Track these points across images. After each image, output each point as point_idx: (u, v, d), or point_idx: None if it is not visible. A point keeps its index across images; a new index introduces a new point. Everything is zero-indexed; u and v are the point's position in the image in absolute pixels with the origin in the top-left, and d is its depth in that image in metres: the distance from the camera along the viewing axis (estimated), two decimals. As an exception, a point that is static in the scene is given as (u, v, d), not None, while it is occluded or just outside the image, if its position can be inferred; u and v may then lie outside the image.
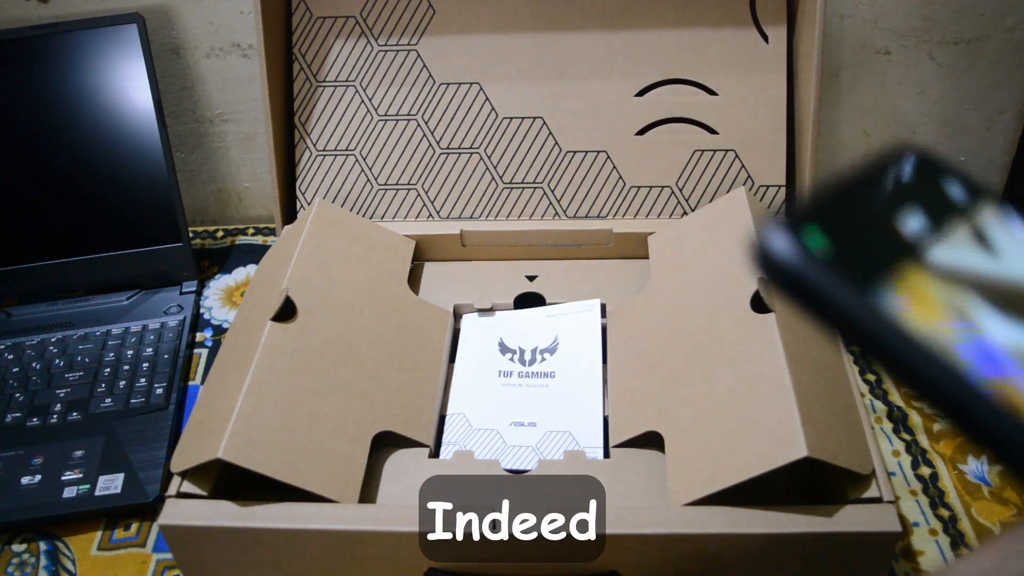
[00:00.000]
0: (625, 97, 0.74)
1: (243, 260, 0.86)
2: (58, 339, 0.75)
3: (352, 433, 0.56)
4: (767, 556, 0.50)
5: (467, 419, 0.62)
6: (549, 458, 0.58)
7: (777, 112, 0.73)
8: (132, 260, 0.80)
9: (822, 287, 0.18)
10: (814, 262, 0.18)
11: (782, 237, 0.18)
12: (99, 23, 0.76)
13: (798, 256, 0.18)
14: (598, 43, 0.74)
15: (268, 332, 0.58)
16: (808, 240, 0.18)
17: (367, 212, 0.77)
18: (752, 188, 0.74)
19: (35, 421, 0.68)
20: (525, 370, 0.65)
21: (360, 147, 0.76)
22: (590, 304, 0.69)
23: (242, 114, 0.88)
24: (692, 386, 0.56)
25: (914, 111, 0.88)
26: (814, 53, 0.68)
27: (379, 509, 0.54)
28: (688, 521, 0.49)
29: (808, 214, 0.19)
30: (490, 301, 0.71)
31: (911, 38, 0.83)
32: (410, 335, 0.65)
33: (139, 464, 0.64)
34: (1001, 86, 0.86)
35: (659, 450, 0.56)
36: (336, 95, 0.76)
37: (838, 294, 0.18)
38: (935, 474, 0.62)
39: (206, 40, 0.84)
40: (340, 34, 0.76)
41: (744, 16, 0.73)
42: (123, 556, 0.60)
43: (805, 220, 0.18)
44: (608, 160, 0.75)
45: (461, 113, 0.75)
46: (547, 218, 0.76)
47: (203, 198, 0.94)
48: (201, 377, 0.73)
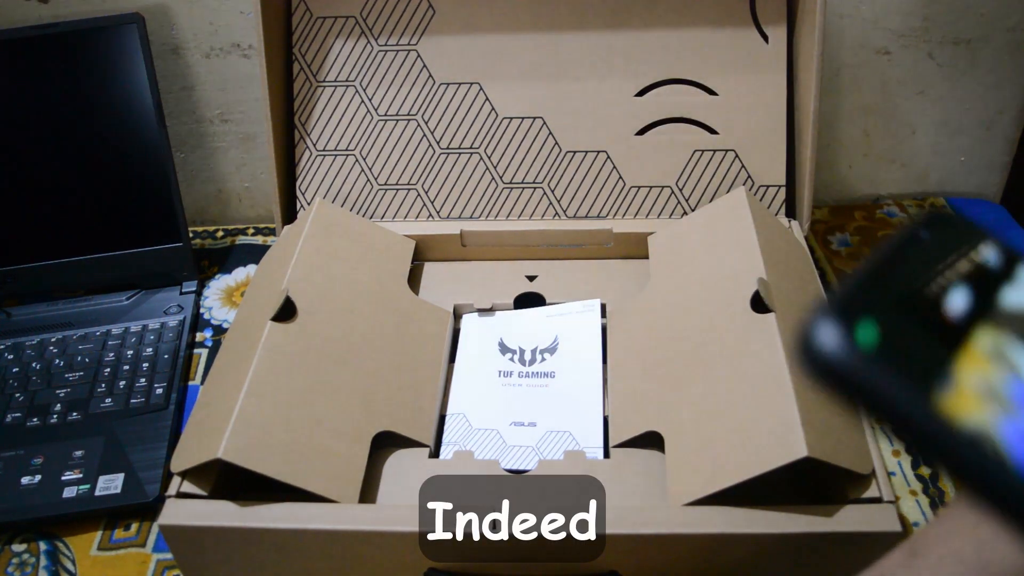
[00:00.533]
0: (625, 97, 0.74)
1: (243, 260, 0.86)
2: (58, 339, 0.75)
3: (352, 433, 0.56)
4: (767, 556, 0.50)
5: (467, 419, 0.62)
6: (549, 458, 0.58)
7: (777, 112, 0.73)
8: (132, 260, 0.80)
9: (878, 388, 0.17)
10: (866, 359, 0.17)
11: (831, 333, 0.17)
12: (99, 23, 0.76)
13: (851, 354, 0.17)
14: (598, 43, 0.74)
15: (268, 332, 0.58)
16: (857, 334, 0.17)
17: (367, 212, 0.77)
18: (752, 188, 0.74)
19: (35, 421, 0.68)
20: (525, 370, 0.65)
21: (360, 147, 0.76)
22: (590, 304, 0.69)
23: (242, 114, 0.88)
24: (692, 386, 0.56)
25: (914, 111, 0.88)
26: (814, 53, 0.68)
27: (379, 509, 0.54)
28: (688, 521, 0.49)
29: (854, 306, 0.18)
30: (490, 301, 0.71)
31: (911, 38, 0.83)
32: (410, 335, 0.65)
33: (139, 464, 0.64)
34: (1001, 86, 0.86)
35: (659, 450, 0.56)
36: (336, 95, 0.76)
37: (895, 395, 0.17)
38: (935, 474, 0.62)
39: (206, 40, 0.84)
40: (340, 34, 0.76)
41: (744, 16, 0.73)
42: (123, 556, 0.60)
43: (852, 313, 0.18)
44: (608, 160, 0.75)
45: (461, 113, 0.75)
46: (547, 218, 0.76)
47: (203, 198, 0.94)
48: (201, 377, 0.73)
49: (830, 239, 0.85)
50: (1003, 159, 0.92)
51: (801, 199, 0.72)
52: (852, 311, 0.18)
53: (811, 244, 0.73)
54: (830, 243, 0.85)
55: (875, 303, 0.18)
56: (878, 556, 0.51)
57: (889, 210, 0.89)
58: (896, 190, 0.93)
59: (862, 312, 0.18)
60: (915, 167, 0.92)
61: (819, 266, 0.81)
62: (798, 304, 0.59)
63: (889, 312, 0.18)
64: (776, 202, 0.74)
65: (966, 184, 0.93)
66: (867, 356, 0.17)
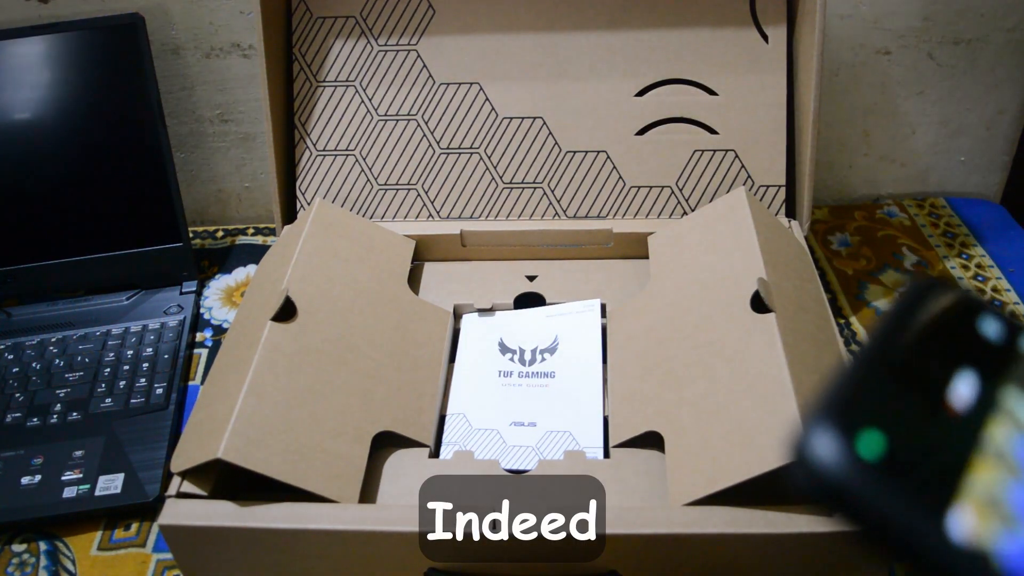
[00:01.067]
0: (625, 97, 0.74)
1: (243, 260, 0.86)
2: (58, 339, 0.75)
3: (352, 433, 0.56)
4: (767, 556, 0.50)
5: (467, 419, 0.62)
6: (549, 458, 0.58)
7: (777, 112, 0.73)
8: (132, 260, 0.80)
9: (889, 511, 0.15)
10: (871, 473, 0.15)
11: (829, 444, 0.15)
12: (99, 23, 0.76)
13: (852, 468, 0.15)
14: (598, 43, 0.74)
15: (268, 332, 0.58)
16: (859, 444, 0.15)
17: (367, 212, 0.77)
18: (752, 188, 0.74)
19: (35, 421, 0.68)
20: (525, 370, 0.65)
21: (360, 147, 0.76)
22: (590, 304, 0.69)
23: (242, 114, 0.88)
24: (692, 386, 0.56)
25: (914, 111, 0.88)
26: (814, 53, 0.68)
27: (379, 509, 0.54)
28: (688, 521, 0.49)
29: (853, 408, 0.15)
30: (490, 301, 0.71)
31: (911, 38, 0.83)
32: (410, 335, 0.65)
33: (139, 464, 0.64)
34: (1001, 86, 0.86)
35: (659, 450, 0.56)
36: (336, 95, 0.76)
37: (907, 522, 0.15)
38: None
39: (206, 40, 0.84)
40: (340, 34, 0.76)
41: (744, 16, 0.73)
42: (123, 556, 0.60)
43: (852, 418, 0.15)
44: (608, 160, 0.75)
45: (461, 113, 0.75)
46: (547, 218, 0.76)
47: (203, 198, 0.94)
48: (201, 377, 0.73)
49: (830, 239, 0.85)
50: (1003, 159, 0.92)
51: (801, 199, 0.72)
52: (852, 415, 0.15)
53: (811, 244, 0.73)
54: (830, 243, 0.85)
55: (875, 403, 0.16)
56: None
57: (889, 210, 0.89)
58: (896, 190, 0.93)
59: (864, 416, 0.15)
60: (915, 167, 0.92)
61: (819, 266, 0.82)
62: (798, 304, 0.59)
63: (891, 413, 0.15)
64: (776, 202, 0.74)
65: (966, 184, 0.94)
66: (871, 469, 0.15)
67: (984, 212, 0.89)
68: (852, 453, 0.15)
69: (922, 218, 0.88)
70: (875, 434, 0.15)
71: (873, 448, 0.15)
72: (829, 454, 0.15)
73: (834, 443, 0.15)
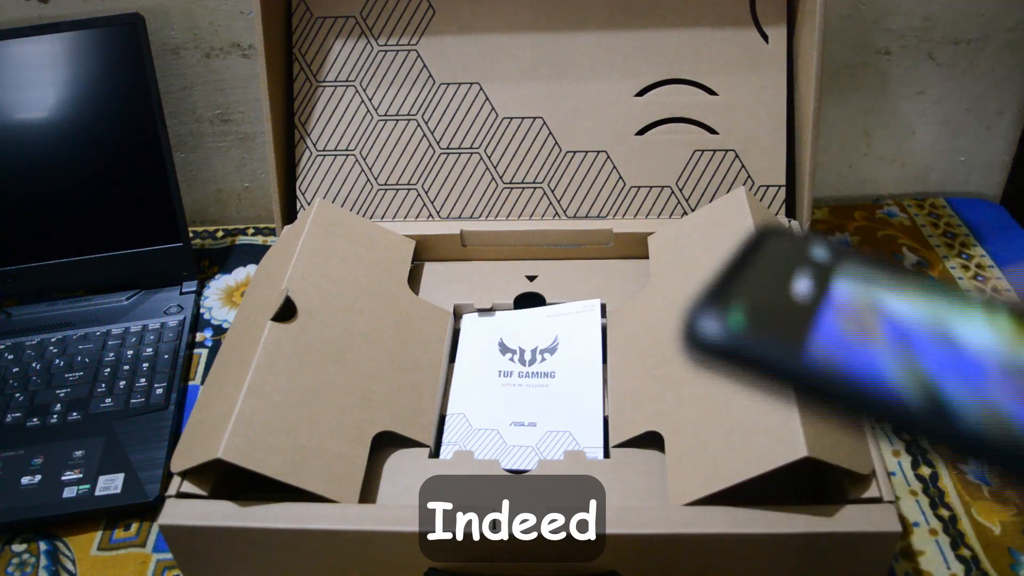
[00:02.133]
0: (625, 97, 0.74)
1: (243, 260, 0.86)
2: (58, 339, 0.75)
3: (352, 433, 0.56)
4: (767, 556, 0.50)
5: (467, 419, 0.62)
6: (549, 458, 0.58)
7: (777, 112, 0.73)
8: (132, 260, 0.80)
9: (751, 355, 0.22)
10: (736, 337, 0.22)
11: (709, 321, 0.23)
12: (99, 23, 0.76)
13: (727, 335, 0.22)
14: (598, 43, 0.74)
15: (268, 332, 0.58)
16: (728, 320, 0.23)
17: (367, 212, 0.77)
18: (752, 188, 0.74)
19: (35, 421, 0.68)
20: (525, 370, 0.65)
21: (360, 147, 0.76)
22: (590, 304, 0.69)
23: (242, 114, 0.88)
24: (692, 386, 0.56)
25: (914, 111, 0.88)
26: (814, 53, 0.68)
27: (379, 509, 0.54)
28: (688, 521, 0.49)
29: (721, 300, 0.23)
30: (490, 301, 0.71)
31: (911, 38, 0.83)
32: (410, 335, 0.65)
33: (139, 464, 0.64)
34: (1001, 86, 0.86)
35: (659, 450, 0.56)
36: (336, 95, 0.76)
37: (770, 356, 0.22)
38: (935, 474, 0.62)
39: (206, 40, 0.84)
40: (340, 34, 0.76)
41: (744, 16, 0.73)
42: (123, 556, 0.60)
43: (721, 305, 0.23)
44: (608, 160, 0.75)
45: (461, 113, 0.75)
46: (547, 218, 0.76)
47: (203, 198, 0.94)
48: (201, 377, 0.73)
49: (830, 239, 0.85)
50: (1003, 159, 0.92)
51: (801, 199, 0.72)
52: (722, 303, 0.23)
53: (811, 244, 0.72)
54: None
55: (738, 294, 0.23)
56: (878, 556, 0.51)
57: (889, 210, 0.89)
58: (896, 190, 0.93)
59: (730, 303, 0.23)
60: (915, 167, 0.92)
61: (819, 266, 0.81)
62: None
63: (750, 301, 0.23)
64: (776, 202, 0.74)
65: (966, 184, 0.93)
66: (737, 335, 0.22)
67: (984, 212, 0.89)
68: (724, 326, 0.23)
69: (922, 218, 0.88)
70: (739, 313, 0.23)
71: (737, 322, 0.23)
72: (708, 328, 0.23)
73: (711, 321, 0.23)
